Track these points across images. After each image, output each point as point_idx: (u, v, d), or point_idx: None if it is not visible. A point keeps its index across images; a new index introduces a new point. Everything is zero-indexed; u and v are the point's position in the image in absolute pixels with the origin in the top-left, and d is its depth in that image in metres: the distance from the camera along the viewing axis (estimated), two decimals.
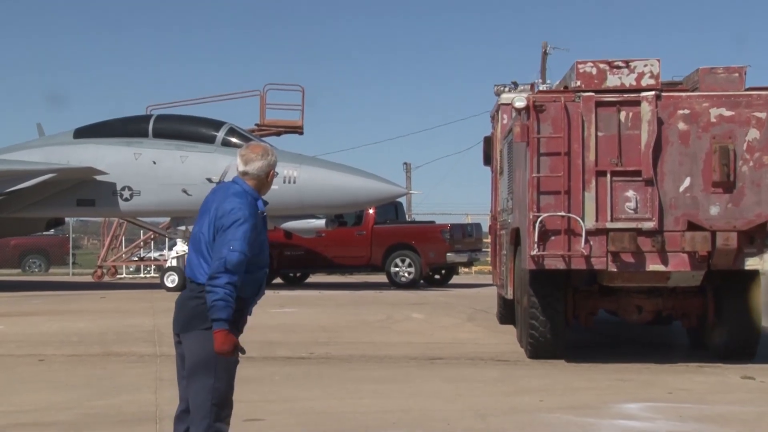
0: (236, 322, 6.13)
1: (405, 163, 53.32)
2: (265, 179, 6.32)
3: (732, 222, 11.78)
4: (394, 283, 29.05)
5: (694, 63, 18.35)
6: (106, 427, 9.03)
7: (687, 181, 11.89)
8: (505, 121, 16.33)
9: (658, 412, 9.55)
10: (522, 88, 16.52)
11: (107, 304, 23.11)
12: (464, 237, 29.94)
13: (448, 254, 29.18)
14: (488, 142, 18.26)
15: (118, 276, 37.32)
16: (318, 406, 9.95)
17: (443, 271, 30.81)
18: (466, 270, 36.14)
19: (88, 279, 35.84)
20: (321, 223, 27.23)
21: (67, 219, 36.29)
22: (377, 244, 29.32)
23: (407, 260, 29.12)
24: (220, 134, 26.82)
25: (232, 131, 26.99)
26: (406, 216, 38.63)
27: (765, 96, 11.93)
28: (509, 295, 14.96)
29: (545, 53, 38.24)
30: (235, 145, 26.32)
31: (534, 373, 11.97)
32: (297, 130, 32.16)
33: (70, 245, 44.12)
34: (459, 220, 39.53)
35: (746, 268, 11.89)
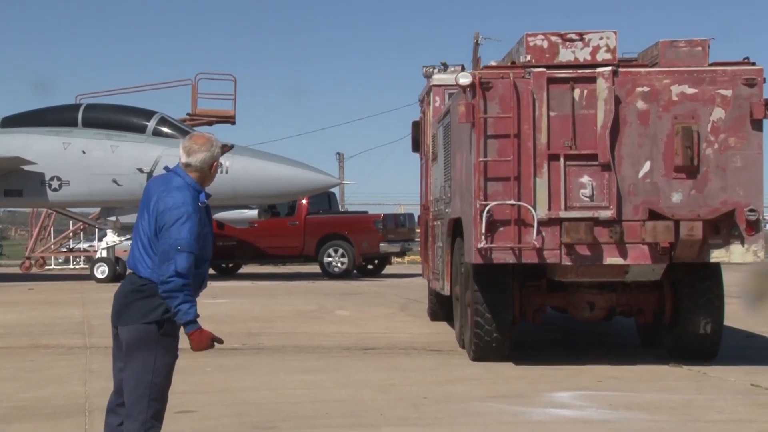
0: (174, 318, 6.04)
1: (338, 153, 53.47)
2: (208, 171, 6.18)
3: (696, 210, 10.85)
4: (327, 274, 29.06)
5: (645, 39, 17.43)
6: (34, 420, 8.91)
7: (647, 166, 10.95)
8: (437, 104, 15.44)
9: (588, 401, 9.64)
10: (452, 69, 15.68)
11: (35, 296, 22.82)
12: (397, 227, 30.04)
13: (381, 244, 29.30)
14: (417, 127, 17.15)
15: (47, 267, 36.91)
16: (250, 396, 9.92)
17: (376, 261, 30.92)
18: (399, 260, 36.26)
19: (16, 270, 35.38)
20: (253, 213, 27.24)
21: None
22: (310, 235, 29.31)
23: (340, 250, 29.15)
24: (151, 124, 26.61)
25: (163, 121, 26.80)
26: (339, 206, 38.63)
27: (731, 72, 10.96)
28: (446, 291, 13.98)
29: (477, 44, 38.39)
30: (166, 135, 26.20)
31: (466, 363, 12.03)
32: (229, 119, 32.01)
33: None
34: (392, 210, 39.65)
35: (711, 260, 11.00)
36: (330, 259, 29.13)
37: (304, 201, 29.13)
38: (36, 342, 14.33)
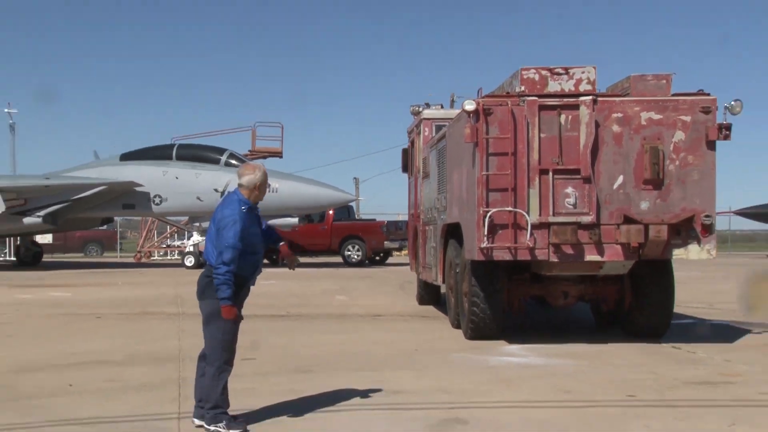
0: (237, 294, 6.14)
1: (354, 178, 53.19)
2: (254, 189, 6.28)
3: (661, 216, 9.66)
4: (347, 263, 29.07)
5: (611, 74, 15.03)
6: (144, 364, 8.96)
7: (620, 179, 9.71)
8: (426, 133, 14.05)
9: (531, 351, 9.63)
10: (434, 107, 14.57)
11: (144, 278, 22.85)
12: (397, 230, 30.07)
13: (386, 242, 29.49)
14: (406, 153, 15.70)
15: (152, 258, 36.90)
16: (294, 350, 9.93)
17: (382, 254, 30.92)
18: (398, 253, 36.18)
19: (131, 260, 35.39)
20: (295, 220, 27.49)
21: (115, 218, 35.87)
22: (335, 235, 29.37)
23: (356, 246, 29.20)
24: (224, 157, 26.77)
25: (232, 155, 26.95)
26: (356, 215, 38.59)
27: (690, 101, 9.84)
28: (439, 282, 12.64)
29: (453, 101, 38.29)
30: (234, 166, 26.30)
31: (446, 326, 11.98)
32: (278, 154, 32.10)
33: (118, 236, 43.56)
34: (393, 218, 39.51)
35: (674, 257, 9.88)
36: (349, 253, 29.18)
37: (331, 211, 29.18)
38: (145, 310, 14.35)
